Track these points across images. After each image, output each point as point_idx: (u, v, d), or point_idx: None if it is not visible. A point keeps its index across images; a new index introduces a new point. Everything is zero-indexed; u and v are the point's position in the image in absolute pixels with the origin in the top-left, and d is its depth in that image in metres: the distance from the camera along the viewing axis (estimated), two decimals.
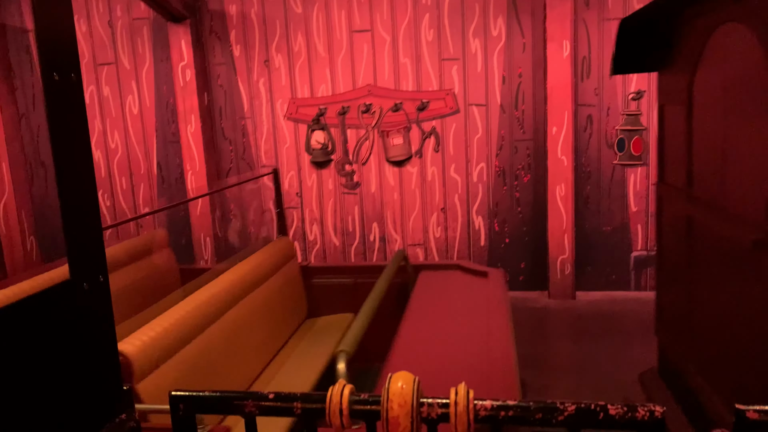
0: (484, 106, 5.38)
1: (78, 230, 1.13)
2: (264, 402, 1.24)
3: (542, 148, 5.24)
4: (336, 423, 1.19)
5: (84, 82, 4.85)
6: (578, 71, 5.14)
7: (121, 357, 1.96)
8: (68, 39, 1.12)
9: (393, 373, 1.22)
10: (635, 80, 5.07)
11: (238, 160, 5.82)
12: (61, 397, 1.13)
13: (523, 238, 5.47)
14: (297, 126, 5.67)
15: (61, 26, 1.11)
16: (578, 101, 5.16)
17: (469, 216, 5.55)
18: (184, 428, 1.27)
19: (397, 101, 5.47)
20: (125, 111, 5.87)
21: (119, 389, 1.24)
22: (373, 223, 5.69)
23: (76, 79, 1.13)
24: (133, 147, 5.91)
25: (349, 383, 1.24)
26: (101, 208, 6.02)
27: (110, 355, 1.22)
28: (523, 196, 5.45)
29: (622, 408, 1.12)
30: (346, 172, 5.64)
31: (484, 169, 5.47)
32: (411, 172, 5.57)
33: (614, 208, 5.28)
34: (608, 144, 5.20)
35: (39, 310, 1.08)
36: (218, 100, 5.76)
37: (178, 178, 5.85)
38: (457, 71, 5.37)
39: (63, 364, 1.13)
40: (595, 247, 5.34)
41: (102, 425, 1.16)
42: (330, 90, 5.56)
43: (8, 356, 1.01)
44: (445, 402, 1.17)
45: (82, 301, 1.14)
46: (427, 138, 5.50)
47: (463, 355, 2.49)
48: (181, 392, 1.27)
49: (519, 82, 5.29)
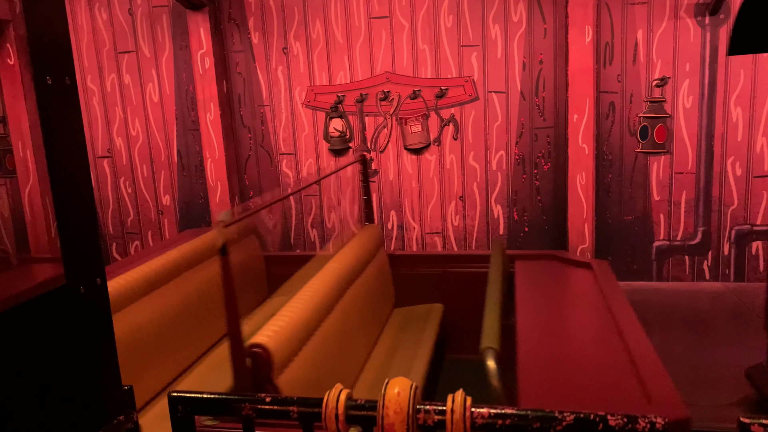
0: (504, 93, 5.30)
1: (73, 234, 1.14)
2: (261, 405, 1.24)
3: (563, 135, 5.16)
4: (332, 428, 1.19)
5: (105, 71, 4.90)
6: (600, 57, 5.02)
7: (260, 349, 1.92)
8: (62, 42, 1.11)
9: (391, 378, 1.21)
10: (659, 66, 4.94)
11: (257, 147, 5.83)
12: (59, 399, 1.14)
13: (543, 227, 5.41)
14: (315, 114, 5.65)
15: (54, 29, 1.10)
16: (600, 88, 5.05)
17: (487, 204, 5.50)
18: (183, 429, 1.28)
19: (416, 88, 5.41)
20: (146, 99, 5.91)
21: (118, 391, 1.25)
22: (391, 211, 5.67)
23: (71, 83, 1.12)
24: (154, 135, 5.96)
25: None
26: (123, 195, 6.10)
27: (109, 357, 1.23)
28: (543, 185, 5.37)
29: (622, 419, 1.09)
30: None
31: (503, 157, 5.40)
32: (429, 160, 5.52)
33: (636, 197, 5.18)
34: (631, 132, 5.09)
35: (35, 315, 1.09)
36: (237, 87, 5.77)
37: (197, 165, 5.89)
38: (476, 58, 5.29)
39: (61, 367, 1.14)
40: (616, 237, 5.26)
41: (99, 427, 1.17)
42: (348, 77, 5.52)
43: (5, 361, 1.02)
44: (441, 409, 1.16)
45: (79, 305, 1.15)
46: (445, 125, 5.44)
47: (599, 353, 2.28)
48: (180, 393, 1.28)
49: (540, 69, 5.20)
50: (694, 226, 5.09)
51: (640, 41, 4.97)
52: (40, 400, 1.09)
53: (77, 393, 1.16)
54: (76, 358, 1.15)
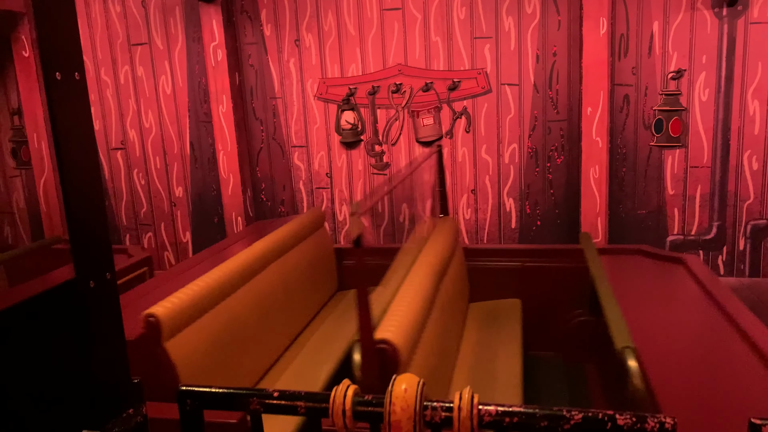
0: (517, 86, 5.26)
1: (83, 228, 1.14)
2: (269, 400, 1.25)
3: (576, 128, 5.11)
4: (339, 423, 1.19)
5: (119, 63, 4.91)
6: (615, 49, 4.96)
7: (387, 345, 1.89)
8: (71, 37, 1.11)
9: (399, 375, 1.21)
10: (675, 58, 4.88)
11: (269, 140, 5.84)
12: (69, 392, 1.15)
13: (555, 220, 5.37)
14: (327, 106, 5.65)
15: (63, 24, 1.10)
16: (615, 80, 5.00)
17: (500, 198, 5.48)
18: (191, 422, 1.29)
19: (428, 81, 5.39)
20: (159, 91, 5.94)
21: (128, 384, 1.26)
22: (403, 204, 5.66)
23: (80, 78, 1.12)
24: (167, 127, 5.99)
25: None
26: (136, 187, 6.14)
27: (118, 351, 1.24)
28: (556, 178, 5.33)
29: (631, 418, 1.09)
30: (376, 153, 5.61)
31: (516, 150, 5.37)
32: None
33: (650, 191, 5.13)
34: (645, 125, 5.03)
35: (45, 309, 1.10)
36: (249, 79, 5.77)
37: (210, 157, 5.91)
38: (489, 50, 5.25)
39: (70, 360, 1.15)
40: (630, 231, 5.21)
41: (108, 420, 1.18)
42: (360, 70, 5.51)
43: (15, 354, 1.03)
44: (448, 406, 1.16)
45: (89, 299, 1.16)
46: (458, 118, 5.42)
47: (719, 348, 2.17)
48: (189, 388, 1.29)
49: (553, 61, 5.15)
50: (708, 221, 5.04)
51: (656, 33, 4.90)
52: (50, 393, 1.11)
53: (86, 386, 1.17)
54: (85, 352, 1.16)
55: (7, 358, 1.01)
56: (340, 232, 5.84)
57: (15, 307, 1.04)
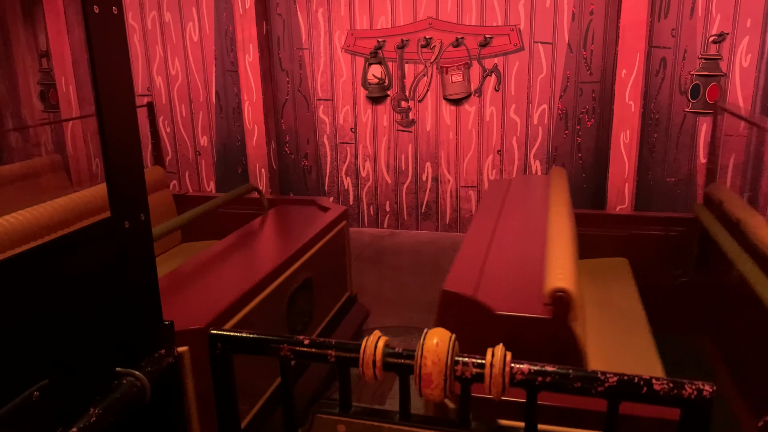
0: (551, 45, 5.11)
1: (120, 169, 1.13)
2: (299, 347, 1.25)
3: (609, 91, 4.98)
4: (369, 374, 1.19)
5: (147, 7, 4.84)
6: (655, 9, 4.78)
7: (563, 293, 1.87)
8: None
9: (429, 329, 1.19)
10: (718, 21, 4.68)
11: (294, 92, 5.78)
12: (102, 331, 1.15)
13: (582, 185, 5.29)
14: (354, 59, 5.55)
15: None
16: (652, 42, 4.83)
17: (526, 159, 5.39)
18: (221, 366, 1.30)
19: (459, 36, 5.25)
20: (185, 38, 5.87)
21: (159, 324, 1.27)
22: (426, 163, 5.61)
23: (118, 12, 1.09)
24: (193, 75, 5.94)
25: None
26: (162, 134, 6.14)
27: (151, 291, 1.24)
28: (585, 142, 5.23)
29: (668, 383, 1.07)
30: (402, 109, 5.53)
31: (545, 111, 5.25)
32: (469, 112, 5.41)
33: (681, 159, 5.01)
34: (681, 90, 4.88)
35: (81, 246, 1.09)
36: (277, 29, 5.68)
37: (235, 107, 5.87)
38: (524, 6, 5.09)
39: (104, 299, 1.15)
40: (657, 199, 5.12)
41: (141, 359, 1.19)
42: (389, 22, 5.38)
43: (51, 291, 1.03)
44: (480, 362, 1.15)
45: (123, 239, 1.15)
46: (487, 76, 5.30)
47: None
48: (220, 332, 1.29)
49: (590, 20, 4.98)
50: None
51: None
52: (85, 330, 1.11)
53: (120, 325, 1.18)
54: (119, 291, 1.16)
55: (48, 291, 1.02)
56: (362, 189, 5.81)
57: (52, 242, 1.04)
